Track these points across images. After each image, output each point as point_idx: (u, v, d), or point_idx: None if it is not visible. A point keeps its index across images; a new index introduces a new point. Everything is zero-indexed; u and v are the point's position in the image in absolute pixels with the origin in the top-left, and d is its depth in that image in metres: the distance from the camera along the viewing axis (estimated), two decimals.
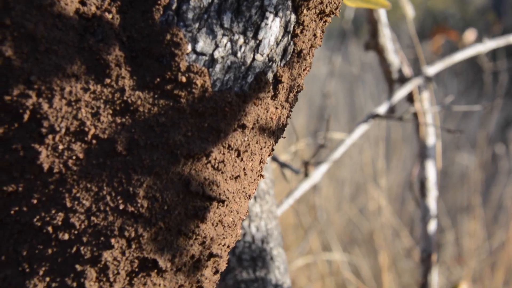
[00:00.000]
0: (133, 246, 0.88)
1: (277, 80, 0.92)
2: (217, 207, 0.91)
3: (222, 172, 0.90)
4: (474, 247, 4.27)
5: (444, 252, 4.49)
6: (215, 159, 0.89)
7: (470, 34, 3.33)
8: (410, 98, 2.18)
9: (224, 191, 0.91)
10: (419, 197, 2.10)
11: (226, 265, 1.26)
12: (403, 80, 2.15)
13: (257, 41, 0.88)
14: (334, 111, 5.31)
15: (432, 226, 2.06)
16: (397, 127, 5.29)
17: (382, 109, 2.01)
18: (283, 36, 0.91)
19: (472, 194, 4.61)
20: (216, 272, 0.97)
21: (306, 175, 1.85)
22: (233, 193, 0.92)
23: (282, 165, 1.82)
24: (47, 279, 0.87)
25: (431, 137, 2.11)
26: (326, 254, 4.00)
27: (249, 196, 0.97)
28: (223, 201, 0.91)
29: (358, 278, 4.21)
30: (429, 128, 2.08)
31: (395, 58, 2.17)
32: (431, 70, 2.16)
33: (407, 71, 2.17)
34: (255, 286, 1.42)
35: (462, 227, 4.70)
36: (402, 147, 5.21)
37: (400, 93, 2.07)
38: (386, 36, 2.12)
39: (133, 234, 0.87)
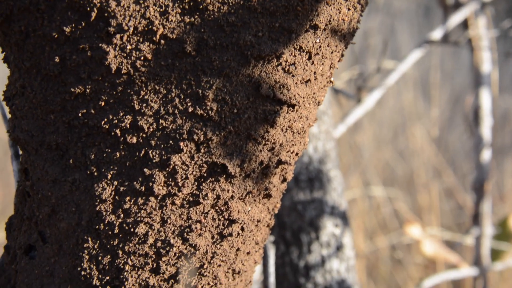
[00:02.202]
0: (202, 150, 0.86)
1: None
2: (287, 112, 0.88)
3: (292, 75, 0.87)
4: None
5: None
6: (286, 61, 0.86)
7: None
8: (465, 24, 2.11)
9: (294, 95, 0.88)
10: (473, 126, 2.06)
11: None
12: (458, 5, 2.08)
13: None
14: (373, 51, 5.22)
15: (486, 155, 2.02)
16: (436, 68, 5.20)
17: (436, 34, 1.95)
18: None
19: None
20: (284, 180, 0.95)
21: (359, 101, 1.81)
22: (303, 97, 0.89)
23: (336, 90, 1.79)
24: (115, 183, 0.86)
25: (487, 64, 2.04)
26: (367, 190, 3.99)
27: (319, 102, 0.94)
28: (293, 106, 0.88)
29: (398, 218, 4.20)
30: (485, 54, 2.01)
31: None
32: None
33: None
34: (312, 207, 1.41)
35: (504, 167, 4.66)
36: (441, 89, 5.13)
37: (455, 18, 2.00)
38: None
39: (202, 138, 0.85)
